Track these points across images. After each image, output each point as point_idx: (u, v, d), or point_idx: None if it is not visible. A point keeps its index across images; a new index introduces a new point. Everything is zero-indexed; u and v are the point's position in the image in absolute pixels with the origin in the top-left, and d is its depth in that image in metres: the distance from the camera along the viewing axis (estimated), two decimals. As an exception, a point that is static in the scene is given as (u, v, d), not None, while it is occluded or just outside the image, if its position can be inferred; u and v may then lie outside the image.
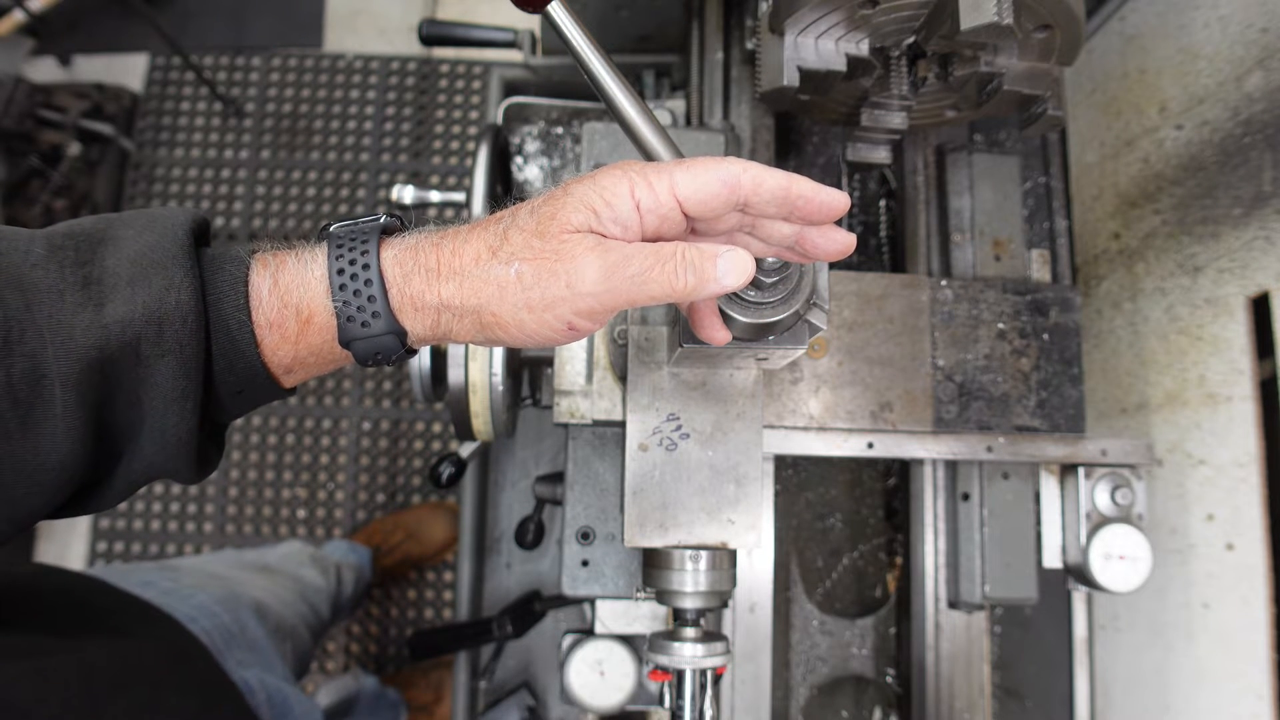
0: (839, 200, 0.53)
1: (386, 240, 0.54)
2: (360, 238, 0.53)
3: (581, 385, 0.89)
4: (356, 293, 0.52)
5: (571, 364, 0.89)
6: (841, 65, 0.81)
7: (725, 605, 0.84)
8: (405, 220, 0.58)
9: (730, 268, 0.51)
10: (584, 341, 0.89)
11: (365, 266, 0.52)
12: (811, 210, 0.53)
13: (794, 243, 0.57)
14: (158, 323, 0.49)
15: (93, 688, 0.65)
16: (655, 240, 0.53)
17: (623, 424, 0.81)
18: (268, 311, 0.52)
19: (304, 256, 0.54)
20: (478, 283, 0.52)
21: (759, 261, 0.57)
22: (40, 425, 0.47)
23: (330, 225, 0.55)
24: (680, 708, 0.74)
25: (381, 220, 0.55)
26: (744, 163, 0.52)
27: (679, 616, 0.78)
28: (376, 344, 0.54)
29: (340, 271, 0.52)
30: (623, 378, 0.85)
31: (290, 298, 0.53)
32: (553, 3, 0.58)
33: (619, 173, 0.52)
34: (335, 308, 0.52)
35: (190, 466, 0.55)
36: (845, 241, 0.56)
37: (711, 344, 0.61)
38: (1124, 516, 0.97)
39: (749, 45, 0.98)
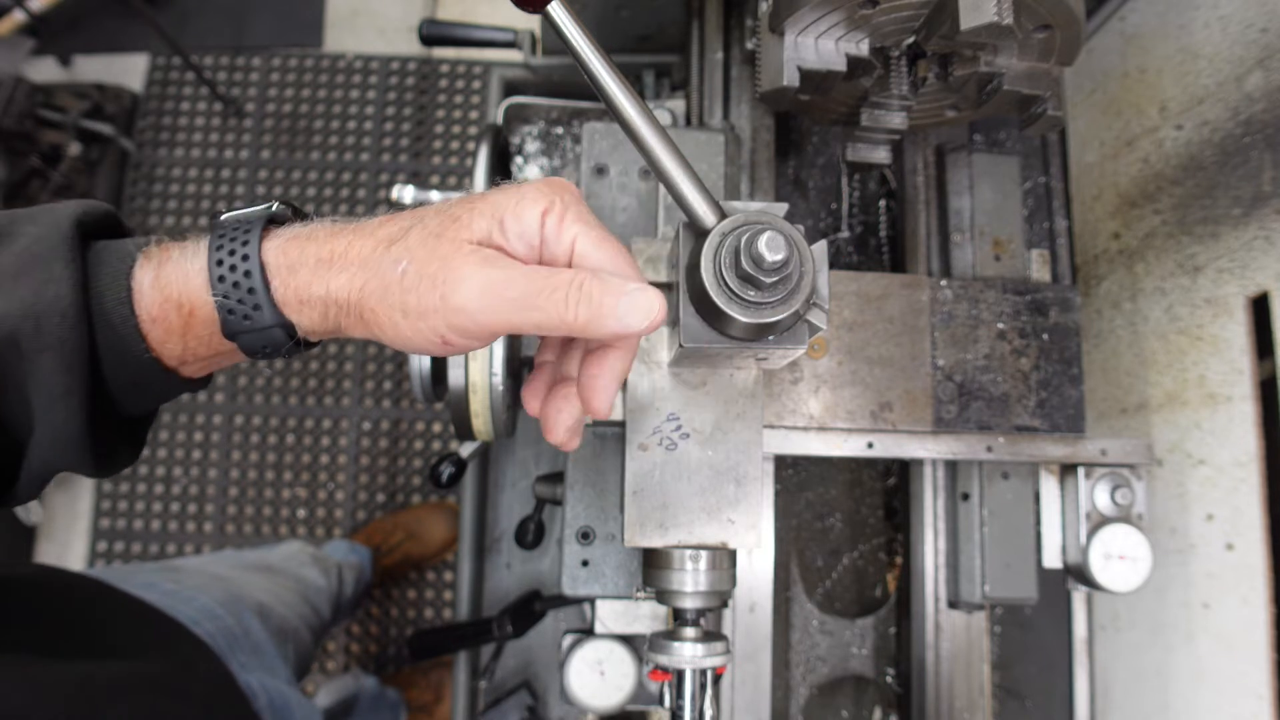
0: (601, 402, 0.54)
1: (273, 230, 0.52)
2: (243, 228, 0.51)
3: (581, 385, 0.89)
4: (236, 284, 0.50)
5: (571, 364, 0.89)
6: (841, 65, 0.81)
7: (725, 605, 0.84)
8: (301, 210, 0.56)
9: (633, 308, 0.47)
10: (584, 341, 0.89)
11: (245, 258, 0.50)
12: (590, 379, 0.53)
13: (563, 373, 0.58)
14: (35, 317, 0.48)
15: (92, 693, 0.65)
16: None
17: (623, 424, 0.81)
18: (149, 306, 0.51)
19: (189, 249, 0.52)
20: (366, 275, 0.49)
21: (759, 260, 0.57)
22: None
23: (222, 214, 0.53)
24: (680, 708, 0.74)
25: (272, 208, 0.54)
26: (661, 304, 0.48)
27: (679, 616, 0.78)
28: (263, 337, 0.51)
29: (219, 263, 0.50)
30: (623, 378, 0.85)
31: (171, 291, 0.51)
32: (553, 3, 0.58)
33: (544, 192, 0.50)
34: (215, 301, 0.50)
35: (88, 463, 0.53)
36: (564, 431, 0.57)
37: (592, 416, 0.58)
38: (1124, 516, 0.97)
39: (749, 45, 0.98)
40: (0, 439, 0.51)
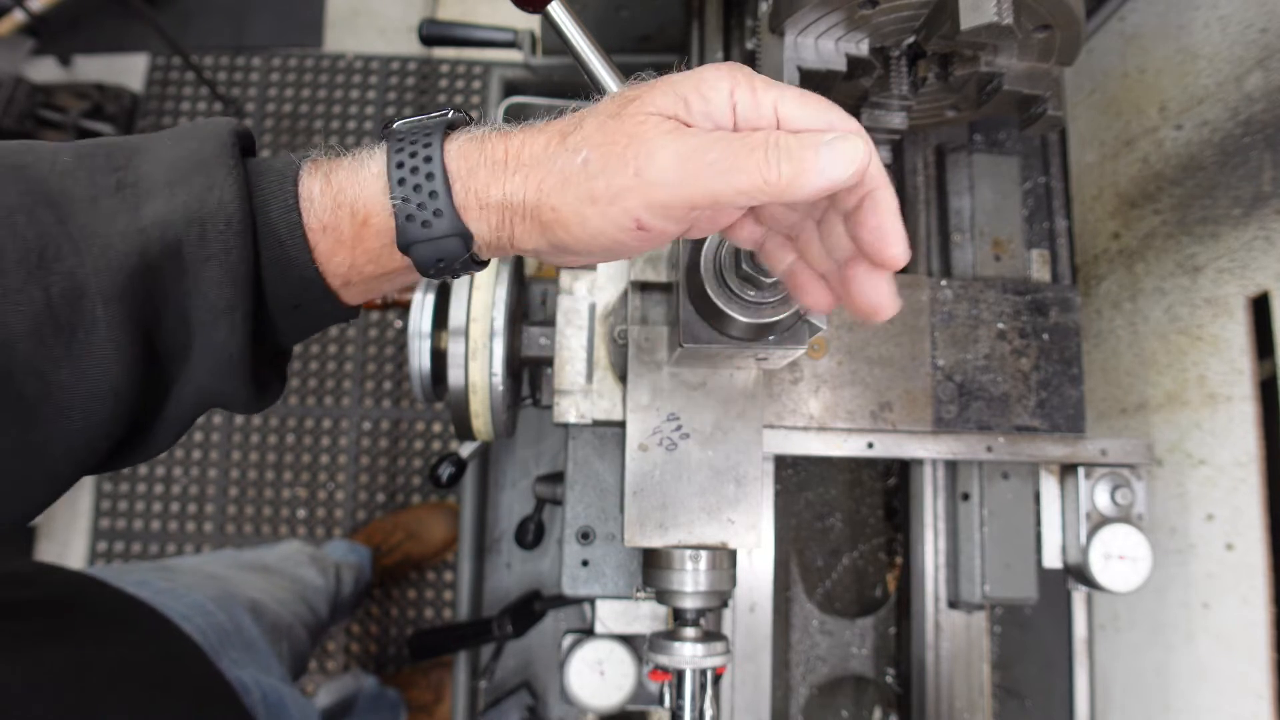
0: (896, 248, 0.46)
1: (452, 134, 0.49)
2: (423, 131, 0.49)
3: (581, 385, 0.89)
4: (417, 188, 0.47)
5: (571, 364, 0.89)
6: (841, 65, 0.81)
7: (725, 605, 0.84)
8: (471, 116, 0.53)
9: (835, 157, 0.43)
10: (584, 341, 0.89)
11: (428, 159, 0.47)
12: (871, 229, 0.46)
13: (832, 267, 0.51)
14: (200, 223, 0.45)
15: (85, 682, 0.65)
16: None
17: (623, 424, 0.81)
18: (320, 213, 0.48)
19: (361, 156, 0.50)
20: (542, 173, 0.46)
21: (759, 261, 0.57)
22: (87, 349, 0.44)
23: (394, 122, 0.51)
24: (680, 708, 0.74)
25: (449, 115, 0.51)
26: (860, 126, 0.45)
27: (679, 616, 0.78)
28: (439, 248, 0.48)
29: (400, 165, 0.47)
30: (623, 378, 0.85)
31: (344, 196, 0.48)
32: (553, 3, 0.58)
33: (724, 70, 0.46)
34: (394, 206, 0.47)
35: (245, 389, 0.50)
36: (885, 301, 0.49)
37: (816, 310, 0.54)
38: (1124, 516, 0.97)
39: (749, 45, 0.98)
40: (151, 368, 0.48)
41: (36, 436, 0.45)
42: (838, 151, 0.43)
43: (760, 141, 0.43)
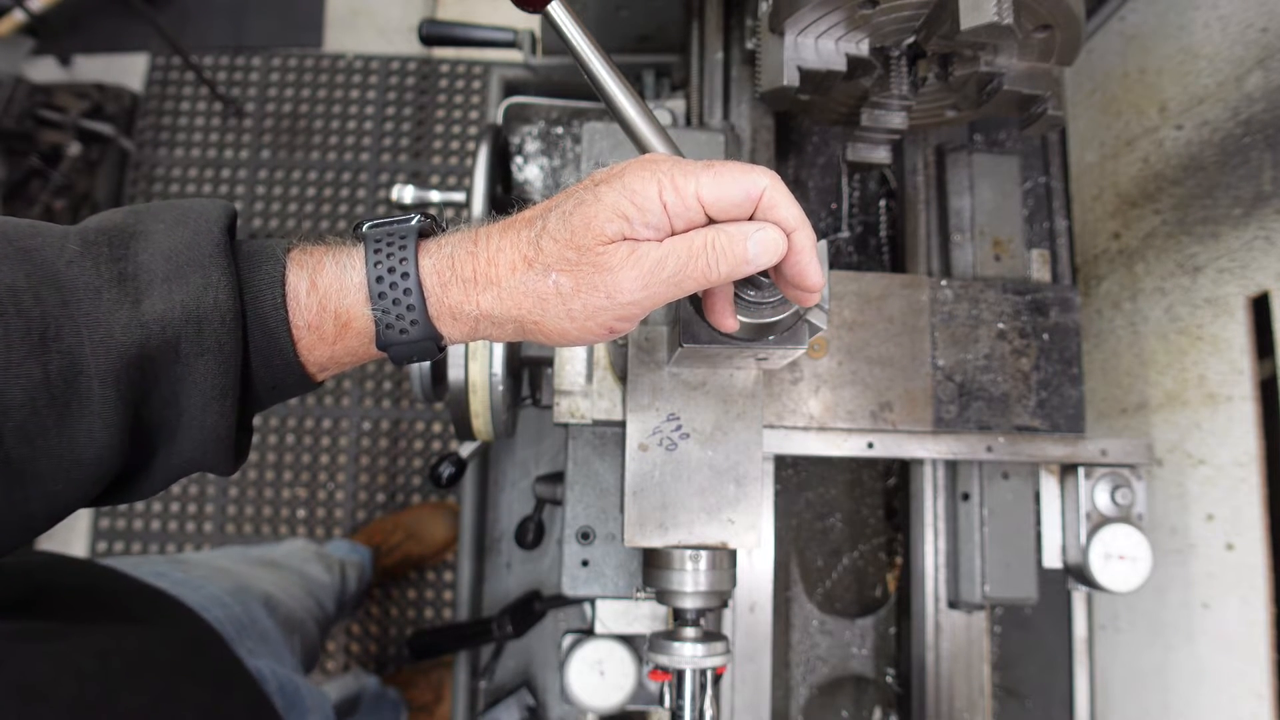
0: (815, 280, 0.54)
1: (424, 246, 0.54)
2: (398, 242, 0.53)
3: (581, 385, 0.89)
4: (395, 301, 0.52)
5: (571, 364, 0.89)
6: (841, 65, 0.81)
7: (725, 605, 0.84)
8: (437, 220, 0.58)
9: (761, 249, 0.51)
10: (584, 341, 0.89)
11: (404, 275, 0.52)
12: (791, 266, 0.54)
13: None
14: (197, 322, 0.49)
15: (109, 671, 0.65)
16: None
17: (623, 424, 0.81)
18: (306, 313, 0.53)
19: (341, 259, 0.54)
20: (517, 295, 0.52)
21: None
22: (77, 421, 0.48)
23: (364, 224, 0.55)
24: (680, 708, 0.74)
25: (415, 223, 0.55)
26: (772, 180, 0.51)
27: (679, 616, 0.78)
28: (414, 348, 0.54)
29: (379, 279, 0.52)
30: (623, 378, 0.85)
31: (329, 302, 0.53)
32: (553, 3, 0.58)
33: (648, 174, 0.51)
34: (375, 316, 0.53)
35: (229, 460, 0.55)
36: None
37: (721, 330, 0.61)
38: (1124, 516, 0.97)
39: (749, 45, 0.98)
40: (137, 439, 0.51)
41: (18, 495, 0.48)
42: (761, 244, 0.51)
43: (702, 247, 0.51)
